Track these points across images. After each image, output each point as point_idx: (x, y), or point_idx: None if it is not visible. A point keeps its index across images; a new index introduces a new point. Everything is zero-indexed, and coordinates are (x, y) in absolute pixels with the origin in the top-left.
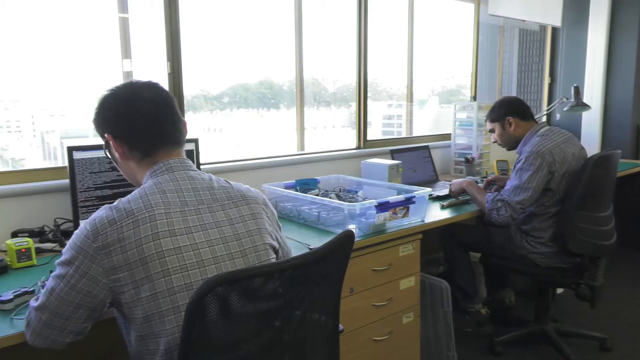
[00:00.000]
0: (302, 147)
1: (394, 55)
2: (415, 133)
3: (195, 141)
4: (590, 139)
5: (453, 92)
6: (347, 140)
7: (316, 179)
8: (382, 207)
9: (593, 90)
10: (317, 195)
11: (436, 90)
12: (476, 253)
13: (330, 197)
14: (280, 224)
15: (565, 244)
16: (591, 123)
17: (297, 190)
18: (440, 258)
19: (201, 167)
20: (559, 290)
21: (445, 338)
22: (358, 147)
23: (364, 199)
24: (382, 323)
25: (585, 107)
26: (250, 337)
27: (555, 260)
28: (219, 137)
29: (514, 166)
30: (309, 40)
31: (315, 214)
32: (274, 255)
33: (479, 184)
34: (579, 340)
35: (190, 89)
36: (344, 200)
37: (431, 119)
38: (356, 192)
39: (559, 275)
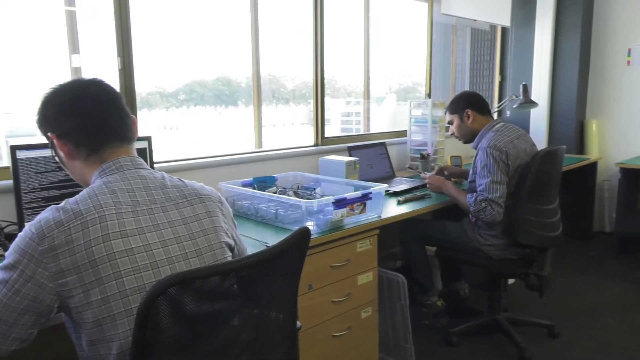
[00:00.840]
0: (259, 144)
1: (351, 52)
2: (373, 130)
3: (148, 139)
4: (538, 134)
5: (410, 89)
6: (307, 138)
7: (274, 177)
8: (339, 203)
9: (540, 88)
10: (275, 192)
11: (393, 87)
12: (432, 247)
13: (288, 195)
14: (235, 222)
15: (516, 236)
16: (539, 119)
17: (254, 188)
18: (398, 252)
19: (156, 165)
20: (510, 281)
21: (403, 331)
22: (316, 145)
23: (322, 196)
24: (341, 318)
25: (533, 104)
26: (206, 338)
27: (507, 252)
28: (175, 135)
29: (475, 163)
30: (265, 37)
31: (273, 211)
32: (230, 254)
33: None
34: (529, 328)
35: (144, 86)
36: (301, 198)
37: (389, 116)
38: (314, 189)
39: (510, 267)
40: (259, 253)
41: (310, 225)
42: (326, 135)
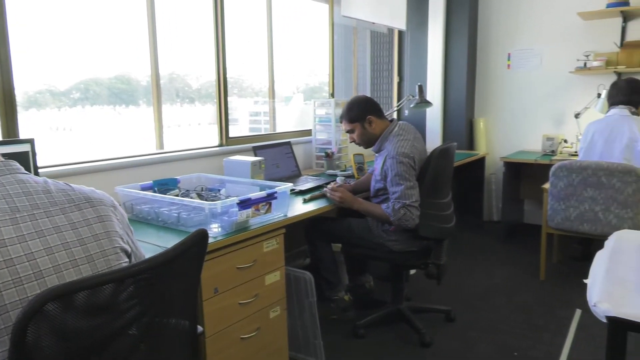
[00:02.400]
0: (161, 145)
1: (256, 52)
2: (281, 129)
3: (31, 142)
4: (434, 132)
5: (317, 89)
6: (214, 138)
7: (176, 179)
8: (244, 204)
9: (434, 89)
10: (177, 195)
11: (301, 87)
12: (338, 243)
13: (191, 197)
14: (132, 228)
15: (417, 229)
16: (434, 118)
17: (155, 192)
18: (307, 250)
19: (43, 170)
20: (412, 272)
21: (312, 327)
22: (220, 145)
23: (227, 197)
24: (249, 320)
25: (428, 104)
26: (101, 350)
27: (408, 245)
28: (69, 136)
29: (384, 170)
30: (164, 34)
31: (175, 215)
32: (127, 259)
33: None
34: (429, 314)
35: (31, 84)
36: (205, 200)
37: (297, 116)
38: (219, 190)
39: (411, 258)
40: (154, 257)
41: (214, 227)
42: (232, 135)
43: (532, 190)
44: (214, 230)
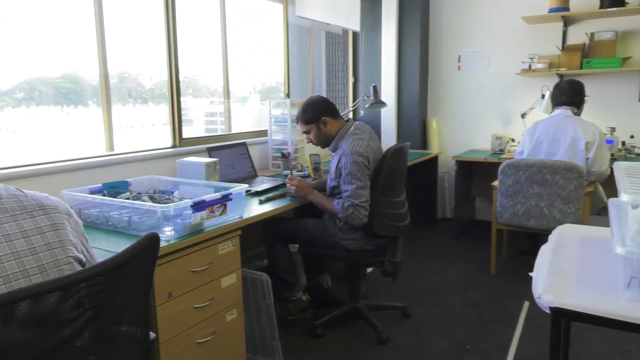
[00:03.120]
0: (111, 147)
1: (211, 51)
2: (238, 130)
3: None
4: (388, 132)
5: (273, 89)
6: (168, 139)
7: (127, 182)
8: (198, 206)
9: (388, 89)
10: (128, 198)
11: (257, 87)
12: (295, 244)
13: (142, 200)
14: (86, 236)
15: (372, 228)
16: (388, 118)
17: (104, 195)
18: (264, 251)
19: None
20: (369, 270)
21: (269, 329)
22: (174, 146)
23: (181, 199)
24: (206, 324)
25: (382, 104)
26: None
27: (364, 243)
28: (12, 138)
29: (338, 168)
30: (114, 32)
31: (126, 218)
32: (80, 269)
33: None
34: (385, 311)
35: None
36: (158, 202)
37: (253, 116)
38: (172, 192)
39: (368, 257)
40: (103, 263)
41: (168, 230)
42: (186, 136)
43: (483, 188)
44: (167, 233)
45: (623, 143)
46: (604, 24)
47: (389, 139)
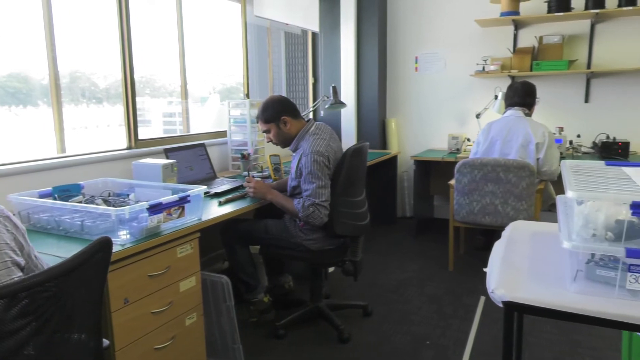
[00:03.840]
0: (62, 149)
1: (168, 50)
2: (198, 130)
3: None
4: (348, 133)
5: (233, 89)
6: (123, 140)
7: (79, 185)
8: (154, 209)
9: (348, 90)
10: (81, 202)
11: (217, 87)
12: (256, 245)
13: (96, 203)
14: (27, 238)
15: (333, 228)
16: (348, 118)
17: (55, 199)
18: (224, 254)
19: None
20: (330, 269)
21: (230, 332)
22: (129, 147)
23: (137, 202)
24: (164, 329)
25: (342, 104)
26: None
27: (325, 243)
28: None
29: (298, 168)
30: (64, 29)
31: (79, 223)
32: (20, 274)
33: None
34: (347, 310)
35: None
36: (113, 206)
37: (214, 117)
38: (127, 195)
39: (329, 256)
40: (52, 269)
41: (123, 234)
42: (142, 137)
43: (441, 187)
44: (123, 237)
45: (571, 142)
46: (552, 28)
47: (349, 139)
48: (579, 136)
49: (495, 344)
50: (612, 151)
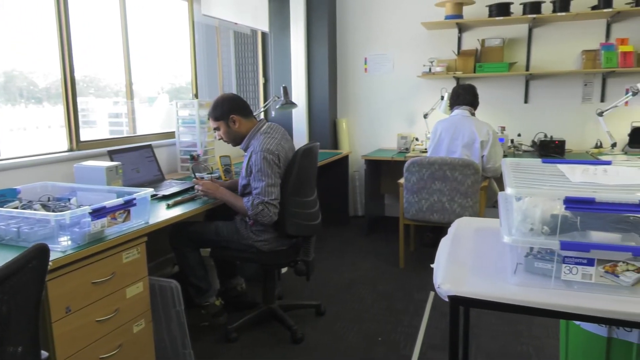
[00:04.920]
0: None
1: (112, 48)
2: (145, 131)
3: None
4: (300, 133)
5: (182, 89)
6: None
7: (16, 189)
8: (97, 213)
9: (299, 90)
10: (17, 207)
11: (165, 87)
12: (206, 247)
13: (34, 209)
14: None
15: (284, 228)
16: (300, 119)
17: None
18: (174, 257)
19: None
20: (283, 270)
21: (181, 337)
22: (70, 150)
23: (79, 206)
24: (110, 337)
25: (293, 105)
26: None
27: (276, 244)
28: None
29: (248, 166)
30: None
31: (15, 229)
32: None
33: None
34: (300, 310)
35: None
36: (52, 211)
37: (163, 117)
38: (68, 199)
39: (281, 257)
40: None
41: (64, 240)
42: (85, 138)
43: (391, 186)
44: (63, 243)
45: (512, 141)
46: (493, 31)
47: (300, 139)
48: (519, 135)
49: (445, 337)
50: (550, 149)
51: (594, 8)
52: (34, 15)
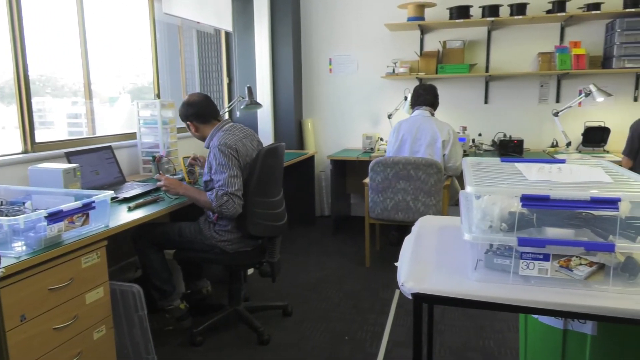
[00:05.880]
0: None
1: (70, 46)
2: (106, 132)
3: None
4: (265, 133)
5: (145, 89)
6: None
7: None
8: (54, 217)
9: (264, 90)
10: None
11: (128, 87)
12: (170, 249)
13: None
14: None
15: (247, 229)
16: (265, 119)
17: None
18: (137, 260)
19: None
20: (250, 271)
21: (143, 342)
22: (24, 151)
23: (34, 210)
24: (69, 345)
25: (258, 105)
26: None
27: (241, 245)
28: None
29: (210, 162)
30: None
31: None
32: None
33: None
34: (267, 312)
35: None
36: (5, 215)
37: (124, 118)
38: (23, 203)
39: (245, 258)
40: None
41: (18, 245)
42: (41, 140)
43: (356, 185)
44: (17, 249)
45: (473, 140)
46: (454, 33)
47: (266, 139)
48: (480, 135)
49: (410, 334)
50: (509, 148)
51: (548, 12)
52: None
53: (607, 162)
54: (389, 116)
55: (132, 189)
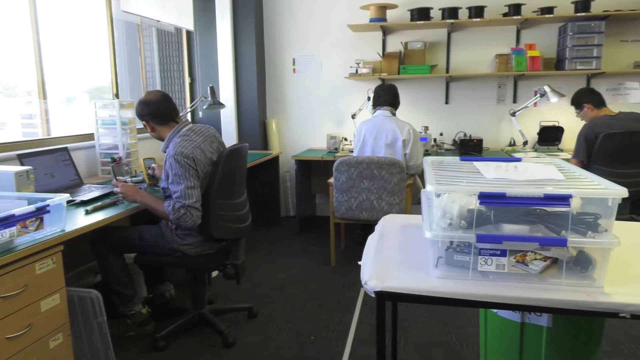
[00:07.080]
0: None
1: (22, 45)
2: (62, 133)
3: None
4: (229, 134)
5: (104, 89)
6: None
7: None
8: (5, 222)
9: (227, 90)
10: None
11: (85, 87)
12: (130, 253)
13: None
14: None
15: (210, 231)
16: (228, 119)
17: None
18: (96, 265)
19: None
20: (214, 274)
21: (103, 349)
22: None
23: None
24: (23, 355)
25: (221, 105)
26: None
27: (203, 248)
28: None
29: (166, 170)
30: None
31: None
32: None
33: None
34: (232, 314)
35: None
36: None
37: (82, 118)
38: None
39: (209, 261)
40: None
41: None
42: None
43: (321, 185)
44: None
45: (435, 140)
46: (415, 34)
47: (229, 140)
48: (441, 134)
49: (375, 332)
50: (469, 147)
51: (505, 15)
52: None
53: (560, 160)
54: (353, 116)
55: (89, 192)
